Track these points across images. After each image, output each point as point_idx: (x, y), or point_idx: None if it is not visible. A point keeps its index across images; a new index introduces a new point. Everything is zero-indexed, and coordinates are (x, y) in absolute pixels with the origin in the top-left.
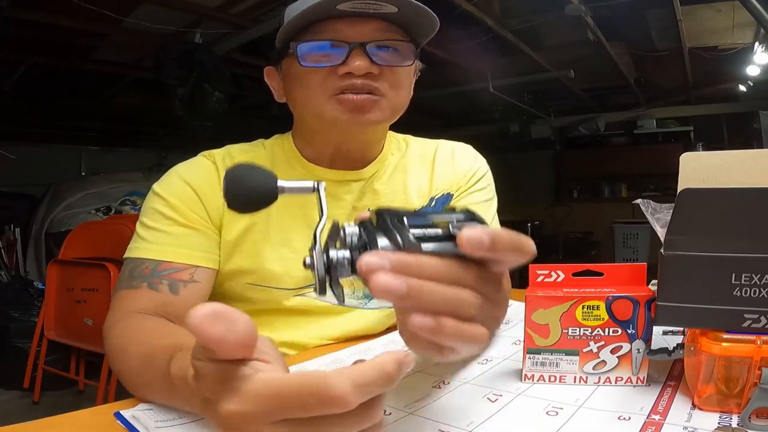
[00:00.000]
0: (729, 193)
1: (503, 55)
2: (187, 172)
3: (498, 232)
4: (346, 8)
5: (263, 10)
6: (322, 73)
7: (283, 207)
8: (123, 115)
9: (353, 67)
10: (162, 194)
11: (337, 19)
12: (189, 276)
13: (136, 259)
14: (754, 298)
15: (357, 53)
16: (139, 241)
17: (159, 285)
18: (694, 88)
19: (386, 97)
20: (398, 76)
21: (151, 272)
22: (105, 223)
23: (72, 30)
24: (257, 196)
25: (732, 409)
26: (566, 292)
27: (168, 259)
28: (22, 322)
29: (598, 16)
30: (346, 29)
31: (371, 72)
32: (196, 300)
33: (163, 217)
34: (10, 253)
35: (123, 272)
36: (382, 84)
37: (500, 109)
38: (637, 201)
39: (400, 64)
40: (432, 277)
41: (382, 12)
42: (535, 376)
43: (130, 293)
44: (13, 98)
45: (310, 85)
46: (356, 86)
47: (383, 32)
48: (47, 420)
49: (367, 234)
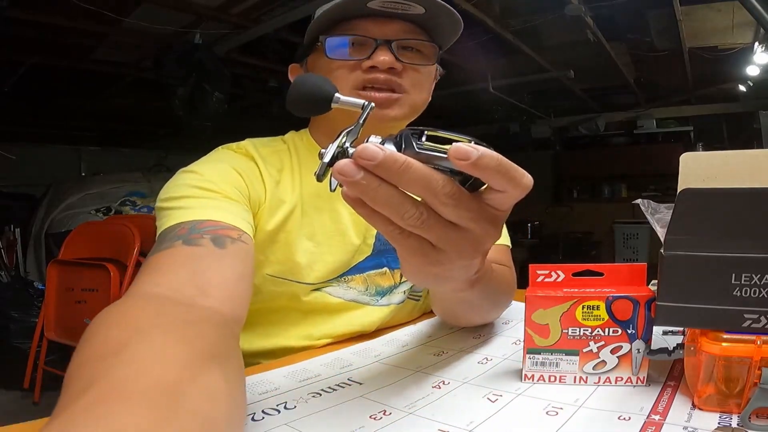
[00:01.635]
0: (729, 193)
1: (503, 55)
2: (219, 158)
3: (490, 152)
4: (376, 7)
5: (263, 10)
6: (348, 66)
7: (311, 200)
8: (123, 115)
9: (378, 61)
10: (194, 170)
11: (366, 18)
12: (237, 235)
13: (171, 226)
14: (754, 298)
15: (382, 49)
16: (167, 213)
17: (200, 240)
18: (694, 88)
19: (407, 94)
20: (420, 76)
21: (189, 230)
22: (105, 223)
23: (72, 30)
24: (315, 99)
25: (732, 409)
26: (566, 292)
27: (211, 218)
28: (22, 322)
29: (598, 16)
30: (373, 27)
31: (394, 68)
32: (244, 262)
33: (198, 188)
34: (10, 254)
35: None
36: (404, 81)
37: (500, 109)
38: (637, 201)
39: (423, 64)
40: (410, 180)
41: (409, 13)
42: (535, 376)
43: (157, 258)
44: (13, 98)
45: (335, 78)
46: (379, 80)
47: (408, 32)
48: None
49: (382, 140)
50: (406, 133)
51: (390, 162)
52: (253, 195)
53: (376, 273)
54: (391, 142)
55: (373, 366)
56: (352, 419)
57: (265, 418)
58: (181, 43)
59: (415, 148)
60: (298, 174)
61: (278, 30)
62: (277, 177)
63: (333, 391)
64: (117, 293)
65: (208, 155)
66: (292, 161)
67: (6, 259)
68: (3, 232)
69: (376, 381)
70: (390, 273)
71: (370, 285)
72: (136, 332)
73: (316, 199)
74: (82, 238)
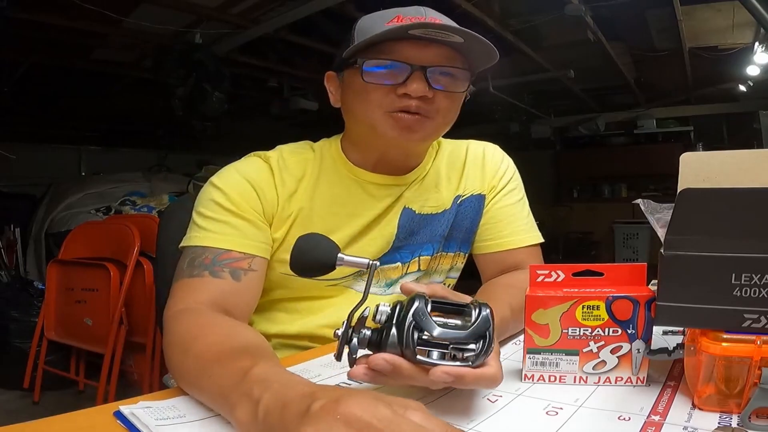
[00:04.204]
0: (729, 193)
1: (503, 55)
2: (245, 169)
3: (466, 374)
4: (418, 33)
5: (263, 10)
6: (383, 90)
7: (327, 205)
8: (123, 115)
9: (411, 89)
10: (221, 187)
11: (404, 40)
12: (248, 265)
13: (196, 248)
14: (754, 298)
15: (417, 76)
16: (197, 230)
17: (222, 273)
18: (694, 88)
19: (435, 119)
20: (451, 101)
21: (212, 261)
22: (105, 223)
23: (72, 30)
24: (319, 266)
25: (732, 409)
26: (566, 292)
27: (227, 247)
28: (22, 322)
29: (598, 16)
30: (410, 52)
31: (426, 95)
32: (255, 287)
33: (221, 208)
34: (10, 253)
35: (183, 261)
36: (434, 107)
37: (500, 109)
38: (637, 201)
39: (455, 90)
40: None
41: (448, 41)
42: (535, 376)
43: (193, 282)
44: (13, 98)
45: (369, 100)
46: (411, 107)
47: (444, 58)
48: (47, 420)
49: (386, 326)
50: (410, 341)
51: (395, 372)
52: (266, 208)
53: (389, 267)
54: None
55: None
56: None
57: None
58: (181, 43)
59: (416, 356)
60: (315, 181)
61: (278, 30)
62: (293, 188)
63: None
64: (117, 293)
65: (240, 161)
66: (315, 169)
67: (6, 259)
68: (3, 232)
69: None
70: (402, 266)
71: (381, 278)
72: (201, 326)
73: (331, 205)
74: (82, 237)
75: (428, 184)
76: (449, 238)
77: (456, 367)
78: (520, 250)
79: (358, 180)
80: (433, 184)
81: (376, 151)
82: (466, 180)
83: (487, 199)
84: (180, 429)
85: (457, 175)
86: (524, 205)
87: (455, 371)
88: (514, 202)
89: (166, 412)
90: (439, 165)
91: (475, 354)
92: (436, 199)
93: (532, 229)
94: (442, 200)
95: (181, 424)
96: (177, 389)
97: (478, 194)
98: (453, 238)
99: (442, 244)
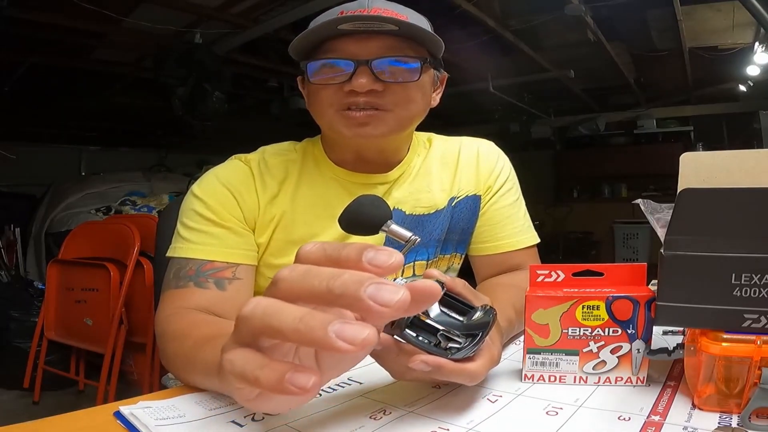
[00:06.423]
0: (729, 193)
1: (503, 55)
2: (224, 175)
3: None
4: (348, 28)
5: (263, 10)
6: (332, 89)
7: (309, 207)
8: (123, 115)
9: (356, 84)
10: (200, 196)
11: (346, 36)
12: (231, 274)
13: (180, 260)
14: (754, 298)
15: (362, 71)
16: (181, 241)
17: (206, 283)
18: (694, 88)
19: (392, 111)
20: (406, 91)
21: (196, 273)
22: (105, 223)
23: (72, 30)
24: (367, 224)
25: (732, 409)
26: (566, 292)
27: (210, 258)
28: (22, 322)
29: (598, 16)
30: (352, 47)
31: (374, 89)
32: (242, 294)
33: (202, 218)
34: (10, 253)
35: (169, 272)
36: (387, 99)
37: (500, 109)
38: (637, 201)
39: (407, 80)
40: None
41: (385, 29)
42: (535, 376)
43: (179, 292)
44: (13, 98)
45: (320, 100)
46: (359, 103)
47: (388, 49)
48: (47, 420)
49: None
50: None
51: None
52: (247, 214)
53: None
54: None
55: (373, 366)
56: (352, 419)
57: (265, 419)
58: (181, 43)
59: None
60: (297, 183)
61: (278, 30)
62: (275, 190)
63: (333, 390)
64: (117, 293)
65: (220, 166)
66: (297, 171)
67: (6, 258)
68: (3, 231)
69: (376, 380)
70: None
71: None
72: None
73: (313, 207)
74: (82, 237)
75: (419, 185)
76: (445, 241)
77: (436, 357)
78: (519, 252)
79: (339, 180)
80: (425, 184)
81: (350, 150)
82: (460, 180)
83: (483, 200)
84: (180, 429)
85: (450, 175)
86: (521, 205)
87: (434, 361)
88: (511, 203)
89: (166, 412)
90: (430, 164)
91: (458, 347)
92: (428, 200)
93: (529, 229)
94: (435, 200)
95: (180, 424)
96: (177, 389)
97: (473, 195)
98: (449, 240)
99: (438, 248)
